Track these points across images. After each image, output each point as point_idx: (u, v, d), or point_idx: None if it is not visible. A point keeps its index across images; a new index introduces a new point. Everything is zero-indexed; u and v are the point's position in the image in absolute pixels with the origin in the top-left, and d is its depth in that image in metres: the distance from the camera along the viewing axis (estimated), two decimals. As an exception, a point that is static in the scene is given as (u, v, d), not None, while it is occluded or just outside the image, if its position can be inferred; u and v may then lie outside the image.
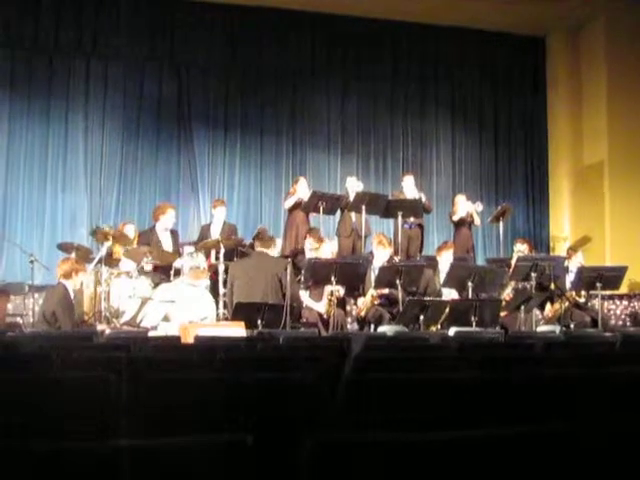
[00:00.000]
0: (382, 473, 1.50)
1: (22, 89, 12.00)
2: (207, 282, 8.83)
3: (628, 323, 11.32)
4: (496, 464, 1.61)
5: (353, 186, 10.86)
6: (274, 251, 8.55)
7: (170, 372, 3.00)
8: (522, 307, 8.67)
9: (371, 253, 9.63)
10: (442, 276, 9.03)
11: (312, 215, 10.79)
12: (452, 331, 7.25)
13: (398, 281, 8.28)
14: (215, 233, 9.96)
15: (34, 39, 11.93)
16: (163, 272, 9.03)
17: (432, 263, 9.53)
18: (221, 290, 8.77)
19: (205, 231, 10.26)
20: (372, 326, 8.50)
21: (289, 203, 10.78)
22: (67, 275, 7.73)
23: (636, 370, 3.53)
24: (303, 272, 8.57)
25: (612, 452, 1.72)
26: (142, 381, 2.59)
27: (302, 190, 10.69)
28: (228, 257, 9.19)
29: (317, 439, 1.44)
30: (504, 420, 2.54)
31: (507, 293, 9.38)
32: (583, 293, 9.52)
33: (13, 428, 2.31)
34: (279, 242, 9.96)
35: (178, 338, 6.03)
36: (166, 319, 8.02)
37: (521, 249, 10.31)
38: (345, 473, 1.47)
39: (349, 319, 9.28)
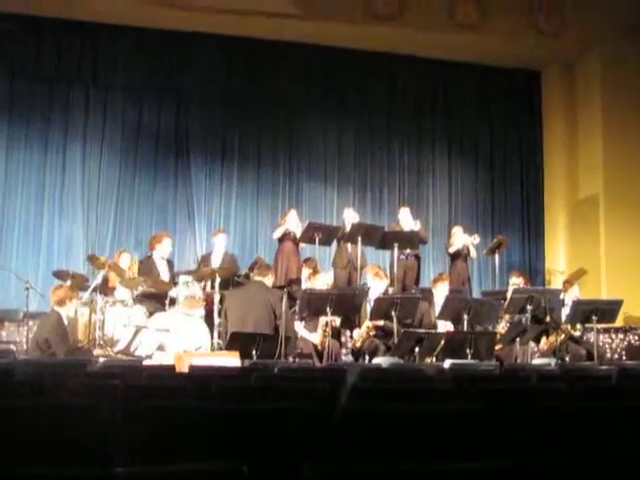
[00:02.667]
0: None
1: (21, 116, 12.04)
2: (202, 312, 8.81)
3: (624, 357, 11.29)
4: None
5: (350, 217, 10.89)
6: (270, 280, 8.54)
7: (165, 400, 2.98)
8: (517, 340, 8.66)
9: (366, 284, 9.63)
10: (437, 308, 9.02)
11: (302, 246, 10.81)
12: (447, 363, 7.22)
13: (393, 313, 8.27)
14: (216, 262, 9.96)
15: (35, 66, 12.02)
16: (158, 301, 9.01)
17: (427, 295, 9.53)
18: (216, 320, 8.75)
19: (206, 260, 10.25)
20: (367, 357, 8.48)
21: (277, 233, 10.82)
22: (61, 302, 7.72)
23: (633, 403, 3.52)
24: (298, 303, 8.57)
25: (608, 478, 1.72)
26: (137, 409, 2.58)
27: (291, 221, 10.73)
28: (224, 287, 9.18)
29: (317, 467, 1.43)
30: (501, 451, 2.53)
31: (502, 326, 9.37)
32: (579, 326, 9.51)
33: (6, 455, 2.30)
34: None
35: (173, 367, 5.99)
36: (161, 348, 7.99)
37: (517, 282, 10.30)
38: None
39: (344, 350, 9.25)
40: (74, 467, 1.52)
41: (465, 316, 8.48)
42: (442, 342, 7.86)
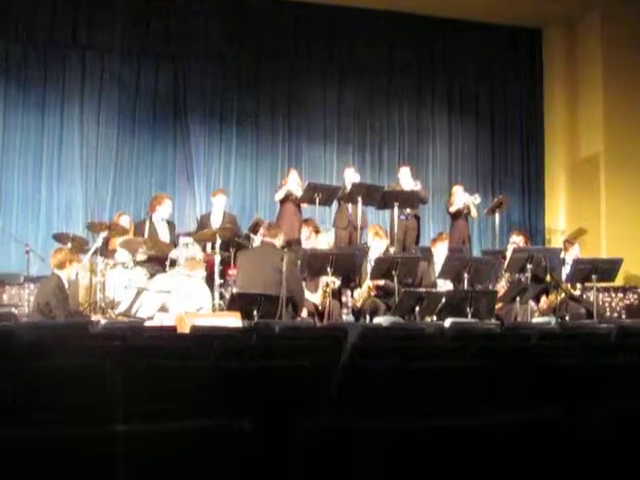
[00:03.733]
0: (379, 458, 1.50)
1: (17, 81, 11.95)
2: (203, 273, 8.82)
3: (623, 315, 11.34)
4: (494, 450, 1.61)
5: (350, 177, 10.87)
6: (280, 241, 8.47)
7: (167, 360, 2.99)
8: (517, 299, 8.69)
9: (366, 244, 9.63)
10: (437, 267, 9.04)
11: (303, 206, 10.80)
12: (448, 322, 7.26)
13: (394, 272, 8.29)
14: (215, 223, 9.94)
15: (29, 31, 11.89)
16: (159, 263, 9.01)
17: (427, 255, 9.54)
18: (217, 281, 8.77)
19: (205, 221, 10.22)
20: (368, 317, 8.51)
21: (279, 195, 10.81)
22: (61, 265, 7.73)
23: (632, 361, 3.53)
24: (299, 263, 8.56)
25: (607, 438, 1.73)
26: (138, 368, 2.59)
27: (292, 182, 10.71)
28: (224, 248, 9.17)
29: (314, 423, 1.44)
30: (501, 407, 2.55)
31: (502, 285, 9.40)
32: (578, 285, 9.54)
33: (11, 416, 2.31)
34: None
35: (174, 328, 6.02)
36: (162, 309, 8.01)
37: (517, 241, 10.30)
38: (341, 457, 1.47)
39: (344, 310, 9.28)
40: (75, 426, 1.52)
41: (465, 275, 8.50)
42: (442, 301, 7.89)
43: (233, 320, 6.94)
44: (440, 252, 9.33)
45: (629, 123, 12.83)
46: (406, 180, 11.03)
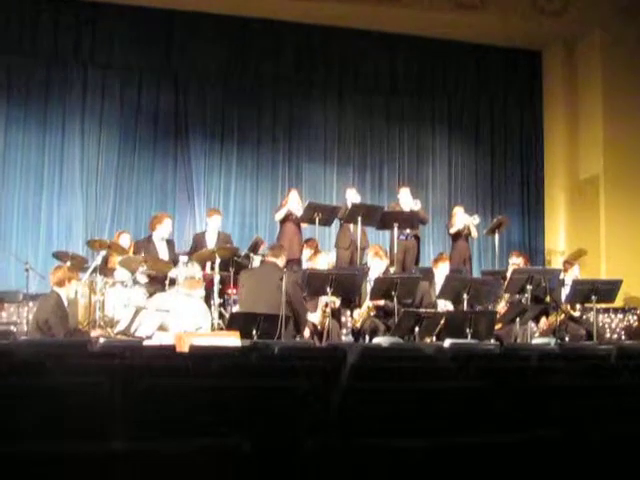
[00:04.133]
0: (380, 477, 1.49)
1: (19, 97, 12.00)
2: (202, 292, 8.81)
3: (623, 337, 11.32)
4: (492, 469, 1.61)
5: (352, 198, 10.89)
6: (283, 261, 8.47)
7: (165, 378, 2.98)
8: (517, 320, 8.68)
9: (366, 264, 9.63)
10: (438, 288, 9.03)
11: (304, 226, 10.81)
12: (447, 343, 7.23)
13: (394, 293, 8.28)
14: (210, 242, 9.94)
15: (32, 47, 11.95)
16: (158, 282, 9.01)
17: (428, 275, 9.54)
18: (216, 300, 8.76)
19: (199, 240, 10.19)
20: (367, 337, 8.49)
21: (280, 215, 10.81)
22: (60, 283, 7.73)
23: (631, 382, 3.53)
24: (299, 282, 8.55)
25: (605, 459, 1.72)
26: (137, 387, 2.58)
27: (293, 202, 10.72)
28: (223, 267, 9.16)
29: (318, 442, 1.43)
30: (500, 428, 2.54)
31: (502, 306, 9.38)
32: (578, 306, 9.53)
33: (9, 433, 2.30)
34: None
35: (173, 347, 6.00)
36: (161, 328, 8.00)
37: (517, 262, 10.30)
38: (344, 476, 1.46)
39: (344, 330, 9.26)
40: (73, 444, 1.52)
41: (465, 296, 8.49)
42: (442, 322, 7.87)
43: (232, 340, 6.92)
44: (442, 272, 9.34)
45: (629, 145, 12.86)
46: (406, 200, 11.05)
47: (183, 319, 8.07)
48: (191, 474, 1.52)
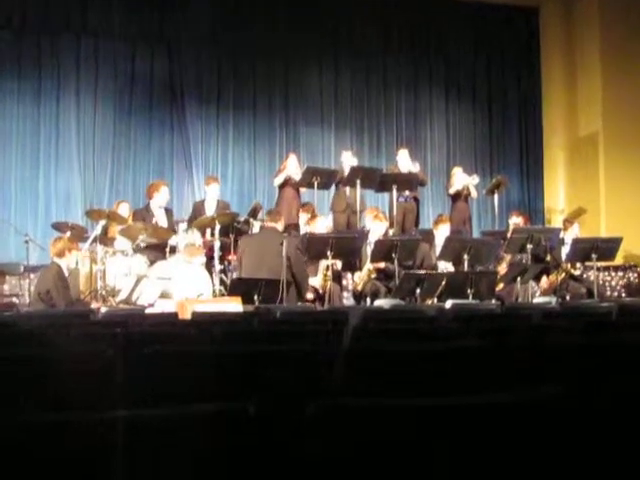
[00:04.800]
0: (385, 437, 1.50)
1: (12, 69, 11.88)
2: (203, 259, 8.82)
3: (623, 294, 11.35)
4: (495, 428, 1.61)
5: (348, 160, 10.84)
6: (282, 225, 8.48)
7: (168, 345, 2.99)
8: (518, 279, 8.69)
9: (365, 227, 9.62)
10: (438, 250, 9.03)
11: (303, 191, 10.78)
12: (449, 304, 7.26)
13: (394, 255, 8.28)
14: (209, 210, 9.91)
15: (22, 18, 11.80)
16: (158, 250, 9.00)
17: (428, 237, 9.54)
18: (217, 267, 8.77)
19: (198, 208, 10.17)
20: (368, 300, 8.51)
21: (278, 180, 10.76)
22: (60, 254, 7.74)
23: (633, 339, 3.53)
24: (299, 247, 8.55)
25: (608, 412, 1.73)
26: (140, 355, 2.59)
27: (291, 166, 10.67)
28: (223, 233, 9.16)
29: (321, 403, 1.43)
30: (503, 388, 2.55)
31: (503, 266, 9.39)
32: (578, 265, 9.54)
33: (14, 403, 2.31)
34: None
35: (175, 314, 6.02)
36: (163, 296, 8.02)
37: (517, 222, 10.30)
38: (349, 436, 1.47)
39: (345, 294, 9.29)
40: (77, 412, 1.52)
41: (465, 256, 8.49)
42: (443, 283, 7.88)
43: (234, 305, 6.95)
44: (442, 234, 9.33)
45: (627, 101, 12.76)
46: (404, 162, 11.00)
47: (184, 286, 8.09)
48: (196, 439, 1.52)
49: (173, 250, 8.83)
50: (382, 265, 8.68)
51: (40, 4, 11.85)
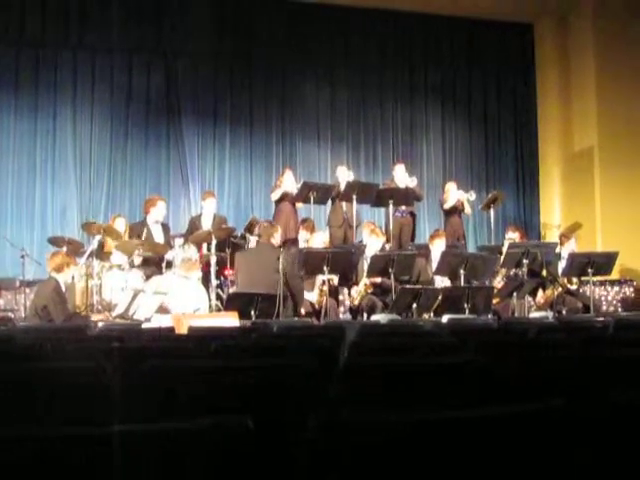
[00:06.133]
0: (382, 452, 1.50)
1: (8, 83, 11.91)
2: (199, 274, 8.81)
3: (619, 309, 11.36)
4: (494, 441, 1.61)
5: (344, 175, 10.87)
6: (277, 239, 8.48)
7: (165, 360, 2.98)
8: (514, 294, 8.70)
9: (361, 242, 9.63)
10: (434, 264, 9.04)
11: (299, 206, 10.79)
12: (445, 318, 7.26)
13: (391, 270, 8.29)
14: (206, 225, 9.92)
15: (20, 31, 11.84)
16: (155, 264, 9.00)
17: (424, 251, 9.55)
18: (213, 281, 8.76)
19: (195, 222, 10.18)
20: (365, 315, 8.51)
21: (275, 195, 10.78)
22: (58, 269, 7.71)
23: (630, 353, 3.53)
24: (295, 262, 8.55)
25: (605, 427, 1.73)
26: (137, 370, 2.58)
27: (288, 182, 10.69)
28: (220, 248, 9.16)
29: (319, 417, 1.43)
30: (501, 402, 2.55)
31: (499, 280, 9.41)
32: (575, 279, 9.55)
33: (10, 417, 2.30)
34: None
35: (172, 329, 6.01)
36: (159, 311, 8.00)
37: (512, 237, 10.32)
38: (346, 451, 1.47)
39: (341, 308, 9.28)
40: (73, 427, 1.52)
41: (462, 271, 8.50)
42: (439, 297, 7.89)
43: (231, 320, 6.94)
44: (438, 248, 9.34)
45: (622, 115, 12.82)
46: (401, 177, 11.04)
47: (181, 301, 8.08)
48: (194, 454, 1.52)
49: (169, 265, 8.84)
50: (379, 280, 8.69)
51: (37, 19, 11.88)
